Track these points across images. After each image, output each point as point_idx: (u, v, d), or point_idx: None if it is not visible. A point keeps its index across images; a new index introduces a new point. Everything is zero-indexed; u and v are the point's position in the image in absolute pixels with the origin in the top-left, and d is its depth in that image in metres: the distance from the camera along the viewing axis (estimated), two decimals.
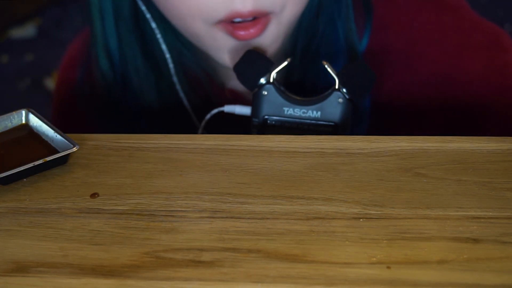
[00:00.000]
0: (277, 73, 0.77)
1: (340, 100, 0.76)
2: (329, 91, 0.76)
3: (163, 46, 0.87)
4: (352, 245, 0.57)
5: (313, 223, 0.60)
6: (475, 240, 0.57)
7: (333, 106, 0.76)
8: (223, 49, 0.81)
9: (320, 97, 0.76)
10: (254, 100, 0.77)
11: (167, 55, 0.87)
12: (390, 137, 0.69)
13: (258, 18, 0.78)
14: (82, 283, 0.55)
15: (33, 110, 0.71)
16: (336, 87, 0.76)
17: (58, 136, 0.68)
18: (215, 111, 0.81)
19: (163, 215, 0.61)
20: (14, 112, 0.71)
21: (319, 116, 0.76)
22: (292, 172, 0.65)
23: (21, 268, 0.56)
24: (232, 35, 0.78)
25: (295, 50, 0.85)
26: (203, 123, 0.83)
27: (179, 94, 0.89)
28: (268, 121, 0.77)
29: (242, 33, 0.78)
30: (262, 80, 0.77)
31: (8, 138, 0.70)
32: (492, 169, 0.65)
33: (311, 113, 0.76)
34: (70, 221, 0.61)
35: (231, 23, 0.78)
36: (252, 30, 0.78)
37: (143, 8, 0.86)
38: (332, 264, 0.56)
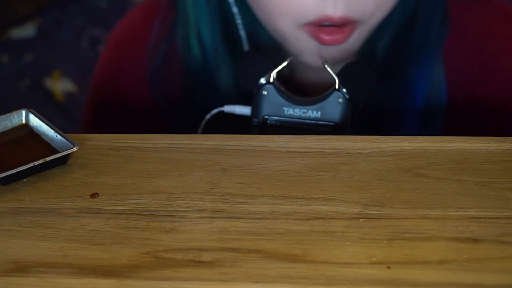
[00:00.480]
0: (277, 73, 0.77)
1: (340, 100, 0.75)
2: (329, 91, 0.76)
3: (242, 32, 0.86)
4: (352, 245, 0.57)
5: (313, 223, 0.60)
6: (475, 240, 0.57)
7: (333, 106, 0.76)
8: (304, 49, 0.81)
9: (320, 97, 0.76)
10: (254, 100, 0.77)
11: (245, 41, 0.86)
12: (390, 137, 0.69)
13: (346, 25, 0.77)
14: (82, 283, 0.55)
15: (33, 110, 0.71)
16: (336, 87, 0.76)
17: (58, 136, 0.68)
18: (215, 111, 0.81)
19: (163, 215, 0.61)
20: (14, 112, 0.71)
21: (319, 116, 0.76)
22: (292, 172, 0.65)
23: (21, 268, 0.56)
24: (316, 38, 0.78)
25: (375, 54, 0.85)
26: (203, 123, 0.83)
27: None
28: (268, 121, 0.77)
29: (327, 37, 0.78)
30: (262, 80, 0.77)
31: (8, 138, 0.70)
32: (492, 169, 0.65)
33: (311, 113, 0.76)
34: (70, 221, 0.61)
35: (318, 26, 0.77)
36: (339, 36, 0.78)
37: None
38: (332, 264, 0.56)
